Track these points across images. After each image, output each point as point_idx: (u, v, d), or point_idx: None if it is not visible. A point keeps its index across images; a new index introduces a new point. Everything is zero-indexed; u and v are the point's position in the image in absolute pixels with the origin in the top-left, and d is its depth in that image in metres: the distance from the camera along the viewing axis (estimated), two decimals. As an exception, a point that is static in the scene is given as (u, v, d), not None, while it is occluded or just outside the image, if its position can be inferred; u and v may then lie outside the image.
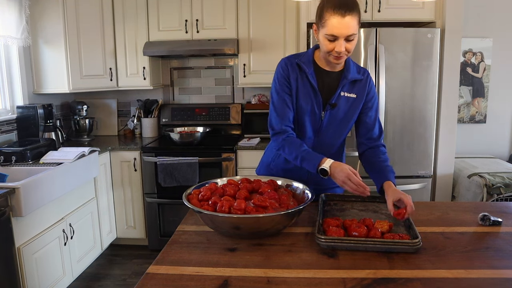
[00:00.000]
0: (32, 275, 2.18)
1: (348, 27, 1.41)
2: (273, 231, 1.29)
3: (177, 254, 1.20)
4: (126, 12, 3.28)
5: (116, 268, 3.02)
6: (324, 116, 1.60)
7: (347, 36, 1.43)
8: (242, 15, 3.20)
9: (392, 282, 1.01)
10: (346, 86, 1.59)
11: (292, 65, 1.60)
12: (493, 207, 1.57)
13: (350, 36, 1.44)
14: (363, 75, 1.63)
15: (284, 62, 1.61)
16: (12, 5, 2.80)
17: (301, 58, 1.60)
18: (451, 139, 2.93)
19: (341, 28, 1.41)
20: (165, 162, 3.04)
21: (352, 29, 1.42)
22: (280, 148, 1.60)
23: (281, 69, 1.61)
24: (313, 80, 1.57)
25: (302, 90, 1.58)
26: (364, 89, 1.62)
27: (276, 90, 1.62)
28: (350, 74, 1.59)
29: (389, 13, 2.86)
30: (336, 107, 1.58)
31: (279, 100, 1.60)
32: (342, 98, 1.59)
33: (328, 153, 1.63)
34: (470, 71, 3.42)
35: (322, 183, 1.64)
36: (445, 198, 3.00)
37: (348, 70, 1.59)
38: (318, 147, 1.64)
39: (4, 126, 2.87)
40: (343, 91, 1.59)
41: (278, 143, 1.60)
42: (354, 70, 1.61)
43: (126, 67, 3.37)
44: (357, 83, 1.61)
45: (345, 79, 1.58)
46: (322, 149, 1.63)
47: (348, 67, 1.60)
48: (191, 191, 1.43)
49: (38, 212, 2.25)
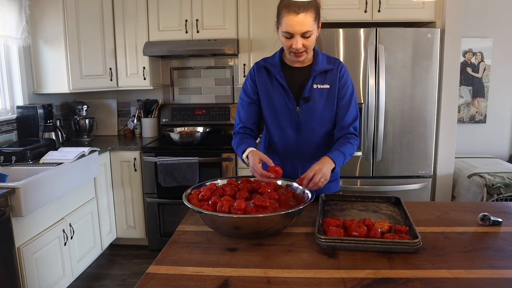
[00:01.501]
0: (32, 275, 2.18)
1: (302, 24, 1.46)
2: (273, 231, 1.29)
3: (177, 254, 1.20)
4: (126, 12, 3.28)
5: (116, 268, 3.02)
6: (300, 111, 1.64)
7: (302, 33, 1.48)
8: (242, 15, 3.20)
9: (392, 282, 1.01)
10: (317, 78, 1.63)
11: (260, 69, 1.69)
12: (493, 207, 1.57)
13: (306, 33, 1.49)
14: (334, 65, 1.65)
15: (253, 68, 1.71)
16: (12, 5, 2.80)
17: (269, 60, 1.68)
18: (451, 139, 2.93)
19: (295, 25, 1.46)
20: (165, 162, 3.04)
21: (306, 26, 1.47)
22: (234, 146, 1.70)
23: (249, 75, 1.71)
24: (280, 78, 1.63)
25: (273, 90, 1.65)
26: (336, 78, 1.64)
27: (241, 96, 1.74)
28: (318, 66, 1.62)
29: (389, 13, 2.86)
30: (310, 100, 1.62)
31: (242, 105, 1.73)
32: (316, 90, 1.62)
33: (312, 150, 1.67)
34: (470, 71, 3.42)
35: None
36: (445, 198, 3.00)
37: (317, 63, 1.63)
38: (302, 145, 1.68)
39: (4, 126, 2.87)
40: (315, 84, 1.62)
41: (234, 143, 1.70)
42: (324, 61, 1.64)
43: (126, 67, 3.37)
44: (329, 74, 1.64)
45: (314, 71, 1.61)
46: (306, 146, 1.67)
47: (316, 60, 1.64)
48: (191, 191, 1.43)
49: (38, 212, 2.25)
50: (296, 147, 1.69)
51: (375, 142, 2.85)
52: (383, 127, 2.82)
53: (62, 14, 3.03)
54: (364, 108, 2.81)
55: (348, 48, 2.78)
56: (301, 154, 1.69)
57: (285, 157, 1.72)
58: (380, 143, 2.84)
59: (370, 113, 2.81)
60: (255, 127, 1.75)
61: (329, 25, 2.88)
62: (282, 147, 1.72)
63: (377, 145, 2.85)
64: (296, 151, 1.70)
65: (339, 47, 2.78)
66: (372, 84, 2.78)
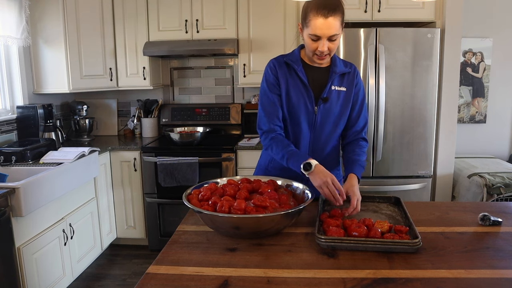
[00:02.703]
0: (32, 275, 2.18)
1: (330, 27, 1.46)
2: (273, 231, 1.29)
3: (177, 254, 1.20)
4: (126, 12, 3.28)
5: (116, 268, 3.02)
6: (318, 111, 1.63)
7: (330, 36, 1.49)
8: (242, 15, 3.20)
9: (392, 282, 1.01)
10: (336, 80, 1.63)
11: (280, 64, 1.64)
12: (493, 207, 1.57)
13: (333, 36, 1.49)
14: (350, 68, 1.67)
15: (272, 63, 1.66)
16: (12, 5, 2.80)
17: (289, 57, 1.65)
18: (451, 139, 2.93)
19: (324, 28, 1.46)
20: (165, 162, 3.04)
21: (334, 30, 1.47)
22: (268, 148, 1.63)
23: (269, 69, 1.65)
24: (302, 75, 1.61)
25: (293, 87, 1.62)
26: (353, 82, 1.66)
27: (264, 91, 1.66)
28: (337, 68, 1.63)
29: (389, 13, 2.86)
30: (328, 101, 1.62)
31: (267, 100, 1.64)
32: (333, 92, 1.63)
33: (324, 151, 1.67)
34: (470, 71, 3.42)
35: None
36: (445, 198, 3.00)
37: (335, 64, 1.64)
38: (315, 144, 1.67)
39: (4, 126, 2.87)
40: (333, 85, 1.63)
41: (266, 143, 1.63)
42: (341, 64, 1.66)
43: (126, 67, 3.37)
44: (346, 77, 1.65)
45: (334, 73, 1.62)
46: (319, 146, 1.67)
47: (334, 62, 1.65)
48: (191, 191, 1.43)
49: (38, 212, 2.25)
50: (309, 146, 1.68)
51: (375, 142, 2.85)
52: (383, 127, 2.82)
53: (62, 14, 3.03)
54: (364, 108, 2.81)
55: (348, 48, 2.78)
56: (312, 153, 1.68)
57: None
58: (380, 143, 2.84)
59: (370, 113, 2.81)
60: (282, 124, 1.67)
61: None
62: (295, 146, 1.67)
63: (377, 145, 2.85)
64: (309, 150, 1.69)
65: (339, 47, 2.78)
66: (372, 84, 2.79)
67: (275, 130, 1.62)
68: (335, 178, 1.43)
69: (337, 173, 1.75)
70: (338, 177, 1.74)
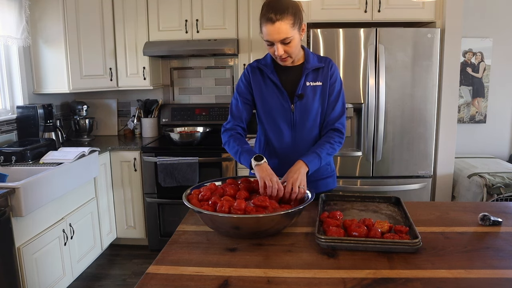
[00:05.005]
0: (32, 275, 2.18)
1: (280, 32, 1.48)
2: (273, 231, 1.29)
3: (177, 254, 1.20)
4: (126, 12, 3.28)
5: (116, 268, 3.02)
6: (294, 108, 1.66)
7: (281, 40, 1.50)
8: (242, 15, 3.20)
9: (392, 282, 1.01)
10: (310, 75, 1.66)
11: (254, 70, 1.71)
12: (493, 207, 1.57)
13: (285, 39, 1.51)
14: (325, 62, 1.69)
15: (246, 69, 1.73)
16: (12, 5, 2.80)
17: (261, 61, 1.71)
18: (451, 139, 2.93)
19: (273, 33, 1.49)
20: (165, 162, 3.04)
21: (284, 34, 1.49)
22: (225, 143, 1.70)
23: (243, 76, 1.73)
24: (274, 77, 1.65)
25: (267, 90, 1.67)
26: (327, 75, 1.67)
27: (234, 95, 1.74)
28: (310, 64, 1.65)
29: (389, 13, 2.86)
30: (303, 97, 1.64)
31: (235, 103, 1.73)
32: (308, 88, 1.65)
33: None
34: (470, 71, 3.42)
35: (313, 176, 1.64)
36: (445, 198, 3.00)
37: (308, 61, 1.66)
38: (298, 143, 1.69)
39: (4, 126, 2.87)
40: (308, 81, 1.65)
41: (225, 139, 1.70)
42: (315, 60, 1.68)
43: (126, 67, 3.37)
44: (321, 71, 1.67)
45: (306, 69, 1.64)
46: (302, 144, 1.69)
47: (307, 58, 1.67)
48: (191, 191, 1.44)
49: (38, 212, 2.25)
50: (292, 145, 1.70)
51: (375, 142, 2.85)
52: (383, 127, 2.82)
53: (62, 14, 3.03)
54: (364, 108, 2.81)
55: (348, 48, 2.78)
56: (297, 152, 1.69)
57: (283, 156, 1.73)
58: (380, 143, 2.84)
59: (370, 113, 2.81)
60: (245, 126, 1.76)
61: (329, 25, 2.88)
62: (278, 146, 1.73)
63: (377, 145, 2.85)
64: (293, 149, 1.70)
65: (339, 47, 2.78)
66: (372, 84, 2.79)
67: (236, 129, 1.71)
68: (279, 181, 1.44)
69: (327, 168, 1.77)
70: (329, 172, 1.77)
